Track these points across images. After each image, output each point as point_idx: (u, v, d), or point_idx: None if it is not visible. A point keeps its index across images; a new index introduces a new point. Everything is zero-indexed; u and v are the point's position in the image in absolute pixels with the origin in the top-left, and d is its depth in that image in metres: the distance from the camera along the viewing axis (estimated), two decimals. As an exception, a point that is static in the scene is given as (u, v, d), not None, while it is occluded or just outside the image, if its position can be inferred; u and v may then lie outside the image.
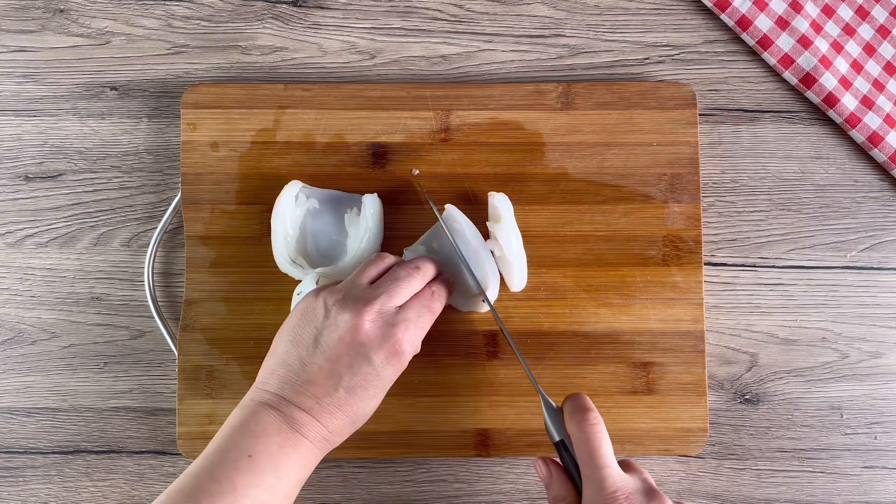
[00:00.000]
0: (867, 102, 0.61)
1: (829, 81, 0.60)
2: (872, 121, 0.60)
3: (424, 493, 0.60)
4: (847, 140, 0.62)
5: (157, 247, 0.60)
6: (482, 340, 0.58)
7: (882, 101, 0.61)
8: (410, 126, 0.60)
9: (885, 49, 0.62)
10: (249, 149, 0.59)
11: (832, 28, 0.62)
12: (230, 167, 0.59)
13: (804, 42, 0.61)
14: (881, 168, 0.62)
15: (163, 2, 0.62)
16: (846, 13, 0.62)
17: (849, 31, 0.62)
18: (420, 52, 0.62)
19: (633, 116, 0.60)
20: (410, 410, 0.58)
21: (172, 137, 0.61)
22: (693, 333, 0.58)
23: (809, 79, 0.61)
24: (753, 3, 0.61)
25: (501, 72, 0.62)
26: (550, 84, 0.60)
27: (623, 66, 0.62)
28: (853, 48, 0.62)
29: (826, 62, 0.61)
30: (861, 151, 0.62)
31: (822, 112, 0.62)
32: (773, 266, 0.61)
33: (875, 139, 0.60)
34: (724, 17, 0.61)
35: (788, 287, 0.61)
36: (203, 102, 0.59)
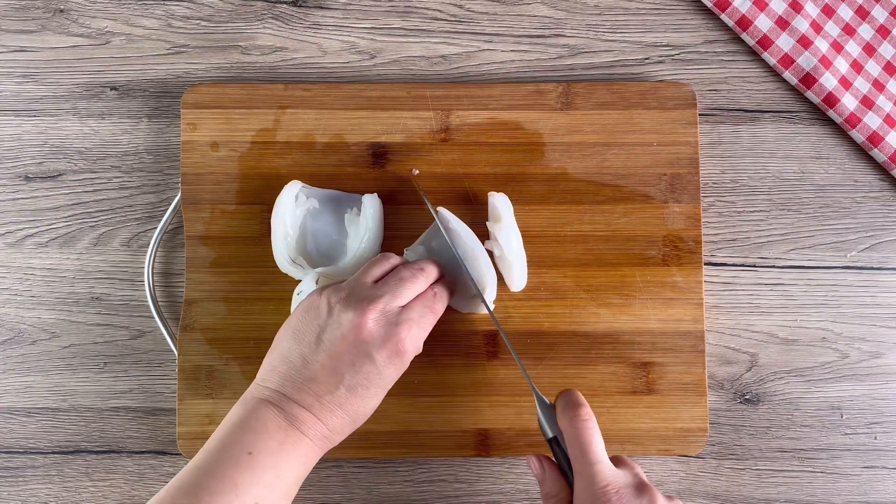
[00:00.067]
0: (867, 102, 0.61)
1: (829, 81, 0.60)
2: (872, 121, 0.60)
3: (424, 493, 0.60)
4: (847, 140, 0.62)
5: (157, 247, 0.60)
6: (482, 340, 0.58)
7: (882, 101, 0.61)
8: (410, 126, 0.60)
9: (885, 49, 0.62)
10: (249, 149, 0.59)
11: (832, 28, 0.62)
12: (230, 167, 0.59)
13: (804, 42, 0.61)
14: (881, 168, 0.62)
15: (163, 2, 0.62)
16: (846, 13, 0.62)
17: (849, 31, 0.62)
18: (420, 52, 0.62)
19: (633, 116, 0.60)
20: (410, 410, 0.58)
21: (172, 137, 0.61)
22: (693, 333, 0.58)
23: (809, 79, 0.61)
24: (753, 3, 0.61)
25: (501, 72, 0.62)
26: (550, 84, 0.60)
27: (623, 66, 0.62)
28: (853, 48, 0.62)
29: (826, 62, 0.61)
30: (861, 151, 0.62)
31: (822, 112, 0.62)
32: (773, 266, 0.61)
33: (875, 139, 0.60)
34: (724, 17, 0.61)
35: (788, 287, 0.61)
36: (203, 102, 0.59)
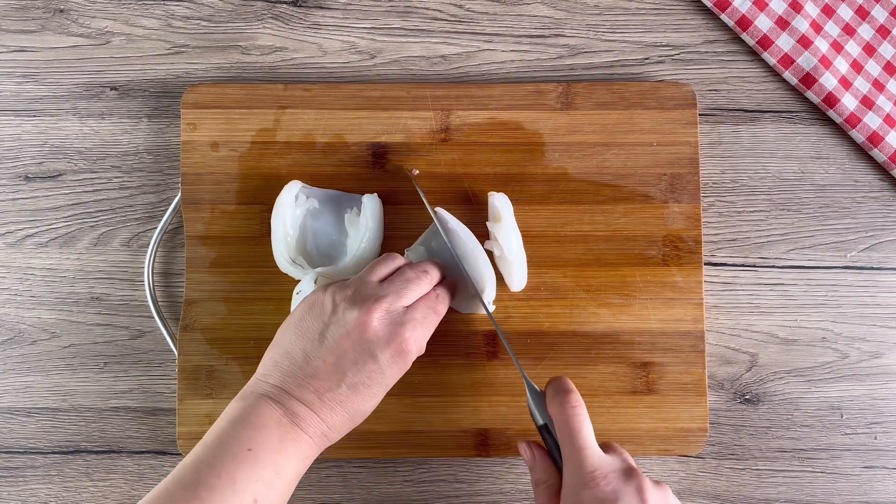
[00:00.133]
0: (867, 102, 0.61)
1: (829, 81, 0.60)
2: (872, 121, 0.60)
3: (424, 493, 0.60)
4: (847, 140, 0.62)
5: (157, 247, 0.60)
6: (482, 341, 0.58)
7: (882, 101, 0.61)
8: (410, 126, 0.60)
9: (885, 49, 0.62)
10: (249, 149, 0.59)
11: (832, 28, 0.62)
12: (230, 167, 0.59)
13: (804, 42, 0.61)
14: (881, 168, 0.62)
15: (163, 2, 0.62)
16: (846, 13, 0.62)
17: (849, 31, 0.62)
18: (420, 52, 0.62)
19: (633, 116, 0.60)
20: (410, 410, 0.58)
21: (172, 137, 0.61)
22: (693, 333, 0.58)
23: (809, 79, 0.61)
24: (753, 3, 0.61)
25: (501, 72, 0.62)
26: (550, 84, 0.60)
27: (623, 66, 0.62)
28: (853, 48, 0.62)
29: (826, 62, 0.61)
30: (861, 151, 0.62)
31: (822, 112, 0.62)
32: (773, 266, 0.61)
33: (875, 139, 0.60)
34: (724, 17, 0.61)
35: (788, 287, 0.61)
36: (203, 102, 0.59)
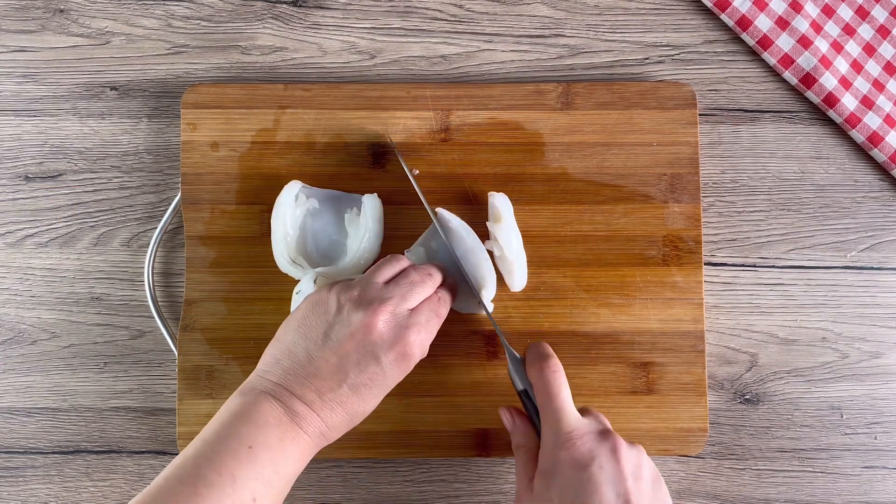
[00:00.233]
0: (867, 102, 0.61)
1: (829, 81, 0.60)
2: (872, 121, 0.60)
3: (424, 493, 0.60)
4: (847, 140, 0.62)
5: (157, 247, 0.60)
6: (482, 341, 0.58)
7: (882, 101, 0.61)
8: (410, 126, 0.60)
9: (885, 49, 0.62)
10: (249, 149, 0.59)
11: (832, 28, 0.62)
12: (230, 167, 0.59)
13: (804, 42, 0.61)
14: (881, 168, 0.62)
15: (163, 2, 0.62)
16: (846, 13, 0.62)
17: (849, 31, 0.62)
18: (420, 52, 0.62)
19: (633, 116, 0.60)
20: (410, 410, 0.58)
21: (172, 137, 0.61)
22: (693, 333, 0.58)
23: (809, 79, 0.61)
24: (753, 3, 0.61)
25: (501, 72, 0.62)
26: (550, 84, 0.60)
27: (623, 66, 0.62)
28: (853, 48, 0.62)
29: (826, 62, 0.61)
30: (861, 151, 0.62)
31: (822, 112, 0.62)
32: (773, 266, 0.61)
33: (875, 139, 0.60)
34: (724, 17, 0.61)
35: (788, 287, 0.61)
36: (203, 102, 0.59)
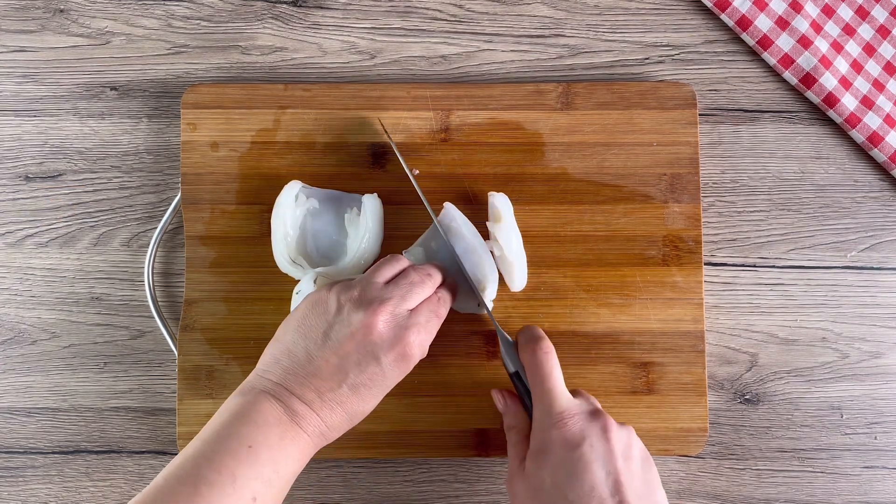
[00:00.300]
0: (867, 102, 0.61)
1: (829, 81, 0.60)
2: (872, 121, 0.60)
3: (424, 493, 0.60)
4: (847, 140, 0.62)
5: (157, 247, 0.60)
6: (482, 341, 0.58)
7: (882, 101, 0.61)
8: (410, 126, 0.60)
9: (885, 49, 0.62)
10: (249, 149, 0.59)
11: (832, 28, 0.62)
12: (230, 167, 0.59)
13: (804, 42, 0.61)
14: (881, 168, 0.62)
15: (163, 2, 0.62)
16: (846, 13, 0.62)
17: (849, 31, 0.62)
18: (420, 52, 0.62)
19: (633, 116, 0.60)
20: (410, 410, 0.58)
21: (172, 137, 0.61)
22: (693, 333, 0.58)
23: (809, 79, 0.61)
24: (753, 3, 0.61)
25: (501, 72, 0.62)
26: (550, 84, 0.60)
27: (623, 66, 0.62)
28: (853, 48, 0.62)
29: (826, 62, 0.61)
30: (861, 151, 0.62)
31: (822, 112, 0.62)
32: (773, 266, 0.61)
33: (875, 139, 0.60)
34: (724, 17, 0.61)
35: (788, 287, 0.61)
36: (203, 102, 0.59)
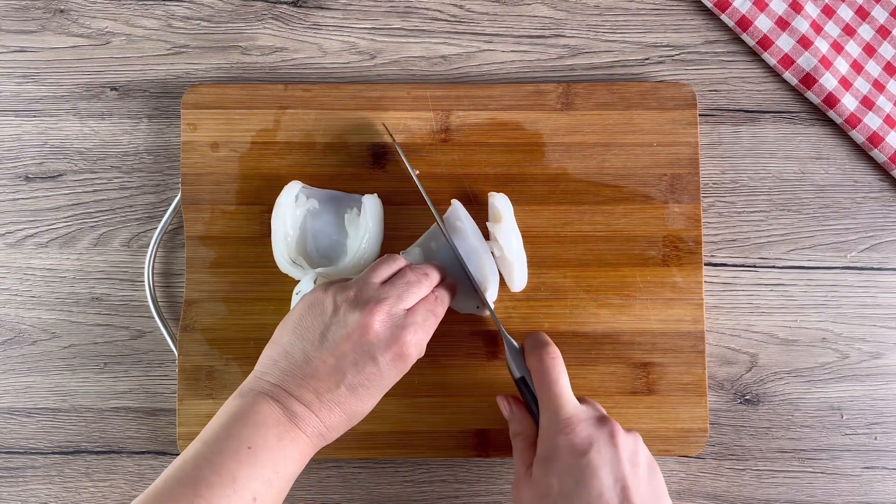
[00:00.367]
0: (867, 103, 0.61)
1: (830, 82, 0.60)
2: (872, 121, 0.60)
3: (424, 493, 0.60)
4: (847, 140, 0.62)
5: (157, 247, 0.60)
6: (482, 341, 0.58)
7: (882, 102, 0.61)
8: (410, 126, 0.60)
9: (885, 49, 0.62)
10: (249, 149, 0.59)
11: (832, 28, 0.62)
12: (230, 167, 0.59)
13: (804, 42, 0.61)
14: (881, 168, 0.62)
15: (163, 2, 0.62)
16: (846, 13, 0.62)
17: (849, 32, 0.62)
18: (420, 53, 0.62)
19: (633, 117, 0.60)
20: (410, 410, 0.58)
21: (172, 137, 0.61)
22: (693, 334, 0.58)
23: (809, 79, 0.61)
24: (753, 4, 0.61)
25: (501, 72, 0.62)
26: (550, 84, 0.60)
27: (623, 67, 0.62)
28: (853, 48, 0.62)
29: (826, 63, 0.61)
30: (861, 152, 0.62)
31: (822, 112, 0.62)
32: (773, 266, 0.61)
33: (875, 140, 0.60)
34: (724, 18, 0.61)
35: (788, 287, 0.61)
36: (203, 103, 0.59)
